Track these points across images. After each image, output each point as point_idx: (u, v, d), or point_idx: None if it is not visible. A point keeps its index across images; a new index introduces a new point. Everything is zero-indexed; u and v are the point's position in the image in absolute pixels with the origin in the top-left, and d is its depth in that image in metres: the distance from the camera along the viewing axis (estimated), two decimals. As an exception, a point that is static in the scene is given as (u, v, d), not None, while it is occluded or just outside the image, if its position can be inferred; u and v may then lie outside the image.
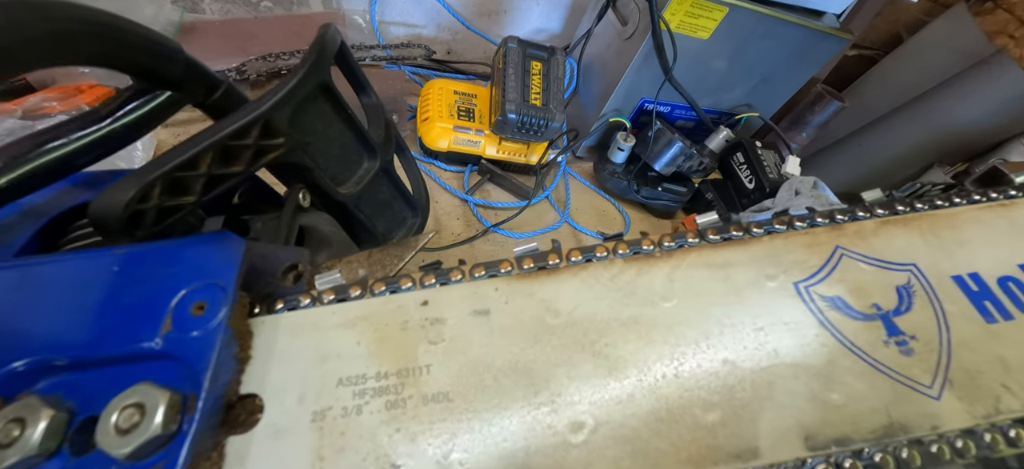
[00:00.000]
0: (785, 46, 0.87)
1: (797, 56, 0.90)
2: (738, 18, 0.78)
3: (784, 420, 0.23)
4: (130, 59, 0.33)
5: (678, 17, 0.76)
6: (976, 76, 1.10)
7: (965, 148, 1.15)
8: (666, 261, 0.29)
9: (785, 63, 0.91)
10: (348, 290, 0.28)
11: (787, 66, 0.92)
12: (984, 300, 0.28)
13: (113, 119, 0.37)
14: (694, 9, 0.76)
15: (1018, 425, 0.24)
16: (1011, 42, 1.15)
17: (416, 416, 0.24)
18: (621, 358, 0.25)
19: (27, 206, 0.35)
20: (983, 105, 1.08)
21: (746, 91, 0.96)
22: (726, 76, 0.92)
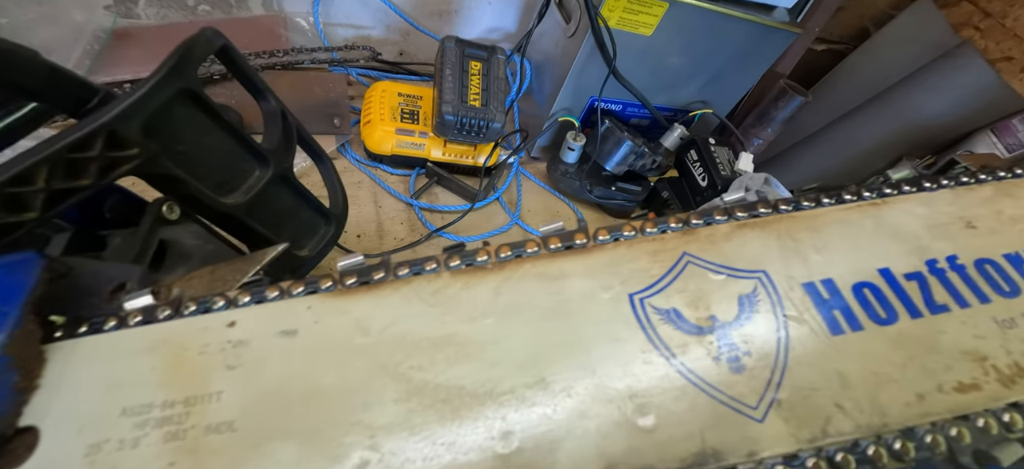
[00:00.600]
0: (734, 42, 0.85)
1: (747, 51, 0.87)
2: (680, 14, 0.76)
3: (586, 449, 0.22)
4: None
5: (617, 13, 0.74)
6: (941, 69, 1.08)
7: (932, 141, 1.12)
8: (497, 273, 0.27)
9: (736, 59, 0.89)
10: (156, 311, 0.26)
11: (738, 62, 0.89)
12: (834, 309, 0.26)
13: (-31, 131, 0.35)
14: (633, 5, 0.74)
15: (846, 451, 0.22)
16: (976, 34, 1.13)
17: (194, 449, 0.22)
18: (424, 382, 0.23)
19: None
20: (948, 97, 1.06)
21: (700, 88, 0.94)
22: (679, 73, 0.90)
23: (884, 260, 0.27)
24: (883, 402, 0.23)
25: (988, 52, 1.04)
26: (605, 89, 0.84)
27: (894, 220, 0.29)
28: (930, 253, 0.28)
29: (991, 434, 0.23)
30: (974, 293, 0.26)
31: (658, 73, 0.87)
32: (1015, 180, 0.31)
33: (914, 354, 0.24)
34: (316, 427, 0.22)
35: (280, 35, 0.85)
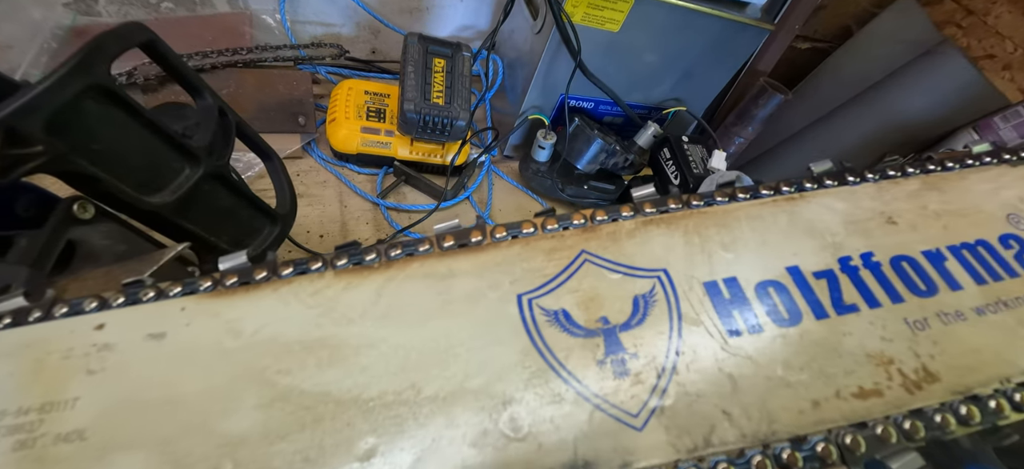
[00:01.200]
0: (705, 38, 0.83)
1: (720, 48, 0.86)
2: (647, 10, 0.75)
3: (449, 460, 0.20)
4: None
5: (581, 9, 0.73)
6: (923, 66, 1.06)
7: (914, 139, 1.10)
8: (383, 273, 0.26)
9: (708, 56, 0.87)
10: (28, 313, 0.25)
11: (711, 59, 0.88)
12: (734, 309, 0.24)
13: None
14: (597, 1, 0.72)
15: (728, 462, 0.20)
16: (958, 32, 1.11)
17: (41, 458, 0.21)
18: (290, 387, 0.22)
19: None
20: (930, 95, 1.04)
21: (673, 85, 0.92)
22: (651, 70, 0.88)
23: (794, 258, 0.26)
24: (773, 409, 0.21)
25: (970, 50, 1.02)
26: (576, 86, 0.83)
27: (810, 215, 0.28)
28: (844, 250, 0.26)
29: (889, 443, 0.21)
30: (886, 292, 0.25)
31: (630, 70, 0.86)
32: (944, 173, 0.30)
33: (814, 357, 0.23)
34: (169, 436, 0.21)
35: (245, 32, 0.84)
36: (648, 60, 0.86)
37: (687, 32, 0.81)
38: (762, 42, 0.87)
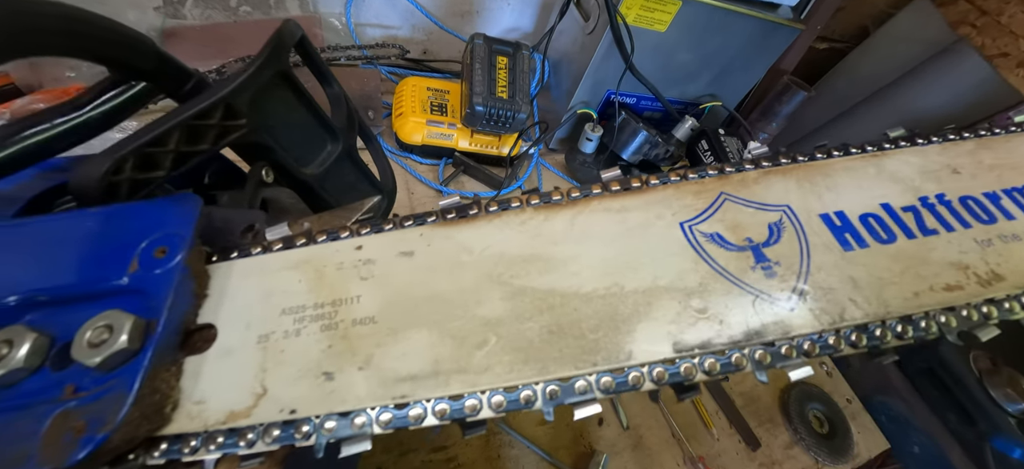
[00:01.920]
0: (741, 37, 0.92)
1: (753, 47, 0.94)
2: (692, 11, 0.83)
3: (657, 330, 0.28)
4: (102, 51, 0.37)
5: (634, 11, 0.81)
6: (938, 65, 1.15)
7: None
8: (570, 208, 0.33)
9: (743, 54, 0.95)
10: (294, 240, 0.32)
11: (745, 56, 0.96)
12: (846, 233, 0.32)
13: (91, 107, 0.41)
14: (649, 3, 0.80)
15: (858, 331, 0.28)
16: (972, 31, 1.21)
17: (346, 335, 0.28)
18: (523, 287, 0.29)
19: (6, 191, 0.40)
20: (946, 93, 1.13)
21: (709, 81, 1.01)
22: (689, 67, 0.96)
23: (885, 197, 0.34)
24: (886, 297, 0.29)
25: (984, 48, 1.11)
26: (621, 83, 0.91)
27: (892, 167, 0.35)
28: (922, 192, 0.34)
29: (972, 320, 0.29)
30: (958, 221, 0.33)
31: (670, 68, 0.94)
32: (993, 136, 0.38)
33: (910, 265, 0.30)
34: (440, 320, 0.28)
35: (316, 34, 0.92)
36: (686, 58, 0.94)
37: (725, 31, 0.89)
38: (792, 41, 0.96)
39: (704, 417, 0.86)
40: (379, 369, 0.26)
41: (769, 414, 0.91)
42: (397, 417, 0.25)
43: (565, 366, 0.26)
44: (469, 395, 0.25)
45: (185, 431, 0.25)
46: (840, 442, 0.90)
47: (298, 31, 0.48)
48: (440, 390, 0.25)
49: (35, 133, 0.38)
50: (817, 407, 0.93)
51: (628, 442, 0.79)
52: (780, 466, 0.85)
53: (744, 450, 0.85)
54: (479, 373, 0.26)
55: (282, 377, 0.26)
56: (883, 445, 0.96)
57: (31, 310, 0.28)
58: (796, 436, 0.88)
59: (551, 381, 0.26)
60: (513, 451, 0.72)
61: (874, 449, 0.96)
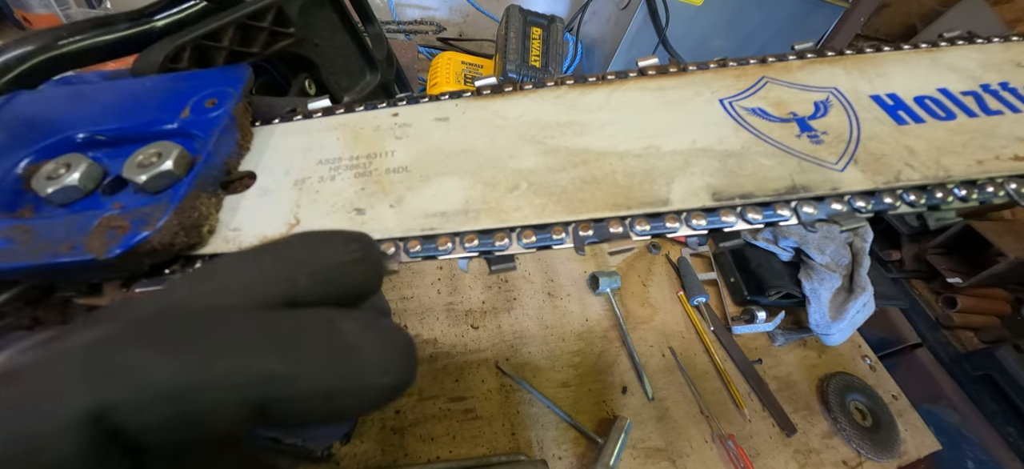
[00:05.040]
0: (782, 15, 0.90)
1: (792, 26, 0.93)
2: (728, -17, 0.83)
3: (696, 183, 0.27)
4: None
5: (668, -18, 0.82)
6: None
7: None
8: (607, 86, 0.33)
9: (782, 34, 0.94)
10: (334, 109, 0.33)
11: (785, 36, 0.95)
12: (899, 111, 0.30)
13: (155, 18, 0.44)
14: (683, -27, 0.81)
15: (916, 190, 0.26)
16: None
17: (379, 180, 0.28)
18: (557, 146, 0.29)
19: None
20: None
21: (742, 62, 0.99)
22: (724, 46, 0.96)
23: (942, 83, 0.32)
24: (946, 163, 0.27)
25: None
26: (653, 57, 0.91)
27: (949, 60, 0.34)
28: (984, 80, 0.32)
29: (1045, 191, 0.26)
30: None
31: (705, 45, 0.93)
32: (1059, 38, 0.35)
33: (972, 137, 0.28)
34: (473, 169, 0.28)
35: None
36: (723, 35, 0.93)
37: (765, 8, 0.88)
38: (834, 23, 0.94)
39: (735, 396, 0.82)
40: (410, 207, 0.26)
41: (806, 401, 0.85)
42: (425, 247, 0.25)
43: (599, 209, 0.26)
44: (499, 230, 0.25)
45: (220, 251, 0.25)
46: (884, 436, 0.83)
47: (342, -43, 0.50)
48: (470, 224, 0.25)
49: (105, 32, 0.40)
50: (859, 399, 0.87)
51: (653, 413, 0.76)
52: (818, 455, 0.80)
53: (778, 434, 0.80)
54: (510, 212, 0.26)
55: (315, 211, 0.27)
56: (933, 445, 0.89)
57: (94, 148, 0.29)
58: (836, 426, 0.82)
59: (585, 221, 0.25)
60: (533, 409, 0.70)
61: (923, 448, 0.88)
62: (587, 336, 0.81)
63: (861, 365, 0.96)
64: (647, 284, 0.92)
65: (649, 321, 0.86)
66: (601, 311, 0.85)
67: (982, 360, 1.07)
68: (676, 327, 0.87)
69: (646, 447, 0.71)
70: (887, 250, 1.26)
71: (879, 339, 1.24)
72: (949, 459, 1.09)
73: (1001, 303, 1.18)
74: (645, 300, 0.89)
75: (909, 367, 1.20)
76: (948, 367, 1.14)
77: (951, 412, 1.11)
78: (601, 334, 0.82)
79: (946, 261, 1.18)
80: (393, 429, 0.62)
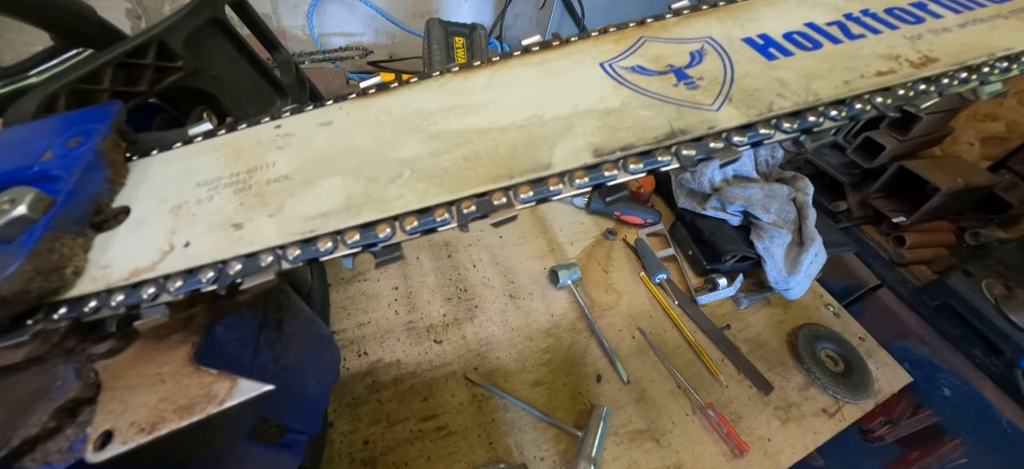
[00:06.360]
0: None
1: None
2: (637, -31, 0.86)
3: (577, 143, 0.26)
4: (44, 17, 0.38)
5: (580, -26, 0.84)
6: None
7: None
8: (491, 67, 0.33)
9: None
10: (215, 131, 0.32)
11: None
12: (770, 48, 0.31)
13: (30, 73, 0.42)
14: (593, -36, 0.83)
15: (788, 118, 0.27)
16: None
17: (259, 193, 0.27)
18: (440, 130, 0.29)
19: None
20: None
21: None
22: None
23: (809, 17, 0.33)
24: (815, 88, 0.28)
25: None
26: (580, 50, 0.93)
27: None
28: (847, 9, 0.33)
29: (908, 97, 0.27)
30: (885, 26, 0.32)
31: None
32: (914, -37, 0.37)
33: (838, 61, 0.30)
34: (356, 166, 0.27)
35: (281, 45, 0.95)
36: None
37: (674, -12, 0.91)
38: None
39: (709, 366, 0.82)
40: (290, 213, 0.25)
41: (779, 358, 0.86)
42: (306, 250, 0.24)
43: (481, 184, 0.25)
44: (380, 220, 0.24)
45: (87, 292, 0.24)
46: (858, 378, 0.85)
47: (239, -11, 0.49)
48: (351, 220, 0.24)
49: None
50: (828, 346, 0.89)
51: (630, 396, 0.75)
52: (797, 407, 0.80)
53: (756, 395, 0.81)
54: (392, 201, 0.25)
55: (191, 235, 0.25)
56: (905, 378, 0.91)
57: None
58: (810, 376, 0.83)
59: (467, 198, 0.25)
60: (508, 414, 0.68)
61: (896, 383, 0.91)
62: (555, 332, 0.80)
63: (825, 314, 0.98)
64: (608, 271, 0.92)
65: (615, 306, 0.86)
66: (566, 305, 0.84)
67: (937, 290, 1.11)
68: (642, 308, 0.87)
69: (628, 431, 0.70)
70: (834, 202, 1.31)
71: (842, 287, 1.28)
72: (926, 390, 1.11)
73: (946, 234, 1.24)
74: (608, 286, 0.89)
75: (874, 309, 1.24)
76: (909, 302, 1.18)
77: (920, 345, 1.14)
78: (568, 327, 0.81)
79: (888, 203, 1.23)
80: (363, 461, 0.60)
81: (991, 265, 1.14)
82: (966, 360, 1.06)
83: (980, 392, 1.02)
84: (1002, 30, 0.30)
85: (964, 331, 1.07)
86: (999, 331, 0.99)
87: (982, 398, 1.03)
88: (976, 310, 1.04)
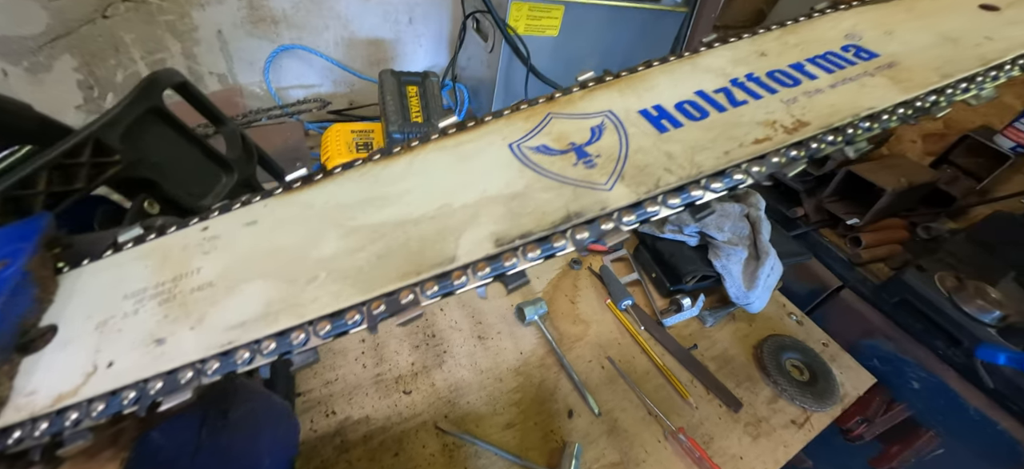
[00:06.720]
0: (633, 28, 0.99)
1: (647, 34, 1.01)
2: (577, 13, 0.90)
3: (481, 233, 0.28)
4: None
5: (522, 22, 0.87)
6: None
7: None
8: (409, 153, 0.35)
9: (639, 42, 1.02)
10: (145, 236, 0.33)
11: (642, 44, 1.03)
12: (662, 120, 0.34)
13: (-25, 175, 0.42)
14: (534, 12, 0.87)
15: (674, 193, 0.29)
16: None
17: (183, 302, 0.28)
18: (358, 225, 0.30)
19: None
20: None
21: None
22: (592, 62, 1.03)
23: (699, 85, 0.36)
24: (699, 160, 0.31)
25: None
26: (531, 88, 0.96)
27: (706, 63, 0.38)
28: (732, 75, 0.37)
29: (781, 164, 0.30)
30: (765, 90, 0.35)
31: (573, 65, 1.00)
32: (796, 23, 0.41)
33: (722, 131, 0.32)
34: (277, 269, 0.29)
35: (237, 102, 0.96)
36: (587, 54, 1.00)
37: (616, 25, 0.96)
38: (680, 24, 1.03)
39: (679, 388, 0.84)
40: (211, 324, 0.27)
41: (746, 373, 0.88)
42: (224, 363, 0.25)
43: (391, 282, 0.27)
44: (296, 327, 0.26)
45: (11, 423, 0.25)
46: (823, 386, 0.87)
47: (177, 76, 0.51)
48: (268, 328, 0.26)
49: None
50: (793, 356, 0.91)
51: (603, 428, 0.76)
52: (767, 422, 0.82)
53: (726, 413, 0.82)
54: (307, 305, 0.26)
55: (115, 352, 0.26)
56: (869, 380, 0.94)
57: None
58: (777, 388, 0.85)
59: (376, 298, 0.26)
60: (481, 461, 0.69)
61: (861, 386, 0.93)
62: (524, 369, 0.81)
63: (789, 323, 1.01)
64: (575, 301, 0.94)
65: (583, 337, 0.87)
66: (534, 340, 0.85)
67: (895, 287, 1.15)
68: (611, 336, 0.88)
69: (602, 465, 0.71)
70: (792, 208, 1.36)
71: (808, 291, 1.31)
72: (896, 384, 1.15)
73: (899, 230, 1.29)
74: (576, 317, 0.91)
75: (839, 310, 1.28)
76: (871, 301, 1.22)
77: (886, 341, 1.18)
78: (538, 363, 0.82)
79: (842, 206, 1.28)
80: (332, 530, 0.60)
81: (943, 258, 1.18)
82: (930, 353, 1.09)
83: (946, 383, 1.06)
84: (868, 88, 0.34)
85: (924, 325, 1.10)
86: (955, 322, 1.03)
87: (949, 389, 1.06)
88: (932, 304, 1.07)
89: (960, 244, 1.20)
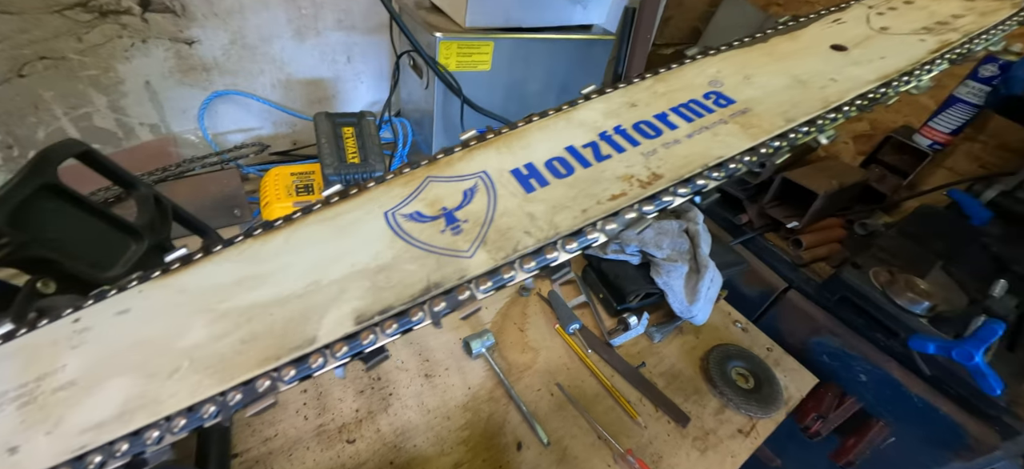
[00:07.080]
0: (566, 56, 1.02)
1: (581, 61, 1.05)
2: (507, 48, 0.92)
3: (344, 310, 0.29)
4: None
5: (453, 60, 0.89)
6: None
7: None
8: (288, 227, 0.35)
9: (575, 68, 1.05)
10: (14, 333, 0.32)
11: (578, 70, 1.06)
12: (531, 179, 0.36)
13: None
14: (463, 49, 0.89)
15: (530, 257, 0.31)
16: (779, 9, 1.39)
17: (43, 405, 0.28)
18: (228, 308, 0.31)
19: None
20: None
21: (555, 97, 1.10)
22: (530, 91, 1.05)
23: (570, 141, 0.38)
24: (558, 222, 0.32)
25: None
26: (470, 120, 0.98)
27: (581, 117, 0.40)
28: (602, 128, 0.39)
29: (633, 219, 0.32)
30: (629, 142, 0.37)
31: (513, 95, 1.02)
32: (669, 71, 0.44)
33: (583, 188, 0.34)
34: (140, 362, 0.29)
35: (171, 152, 0.95)
36: (524, 84, 1.03)
37: (548, 56, 0.99)
38: (610, 50, 1.07)
39: (627, 409, 0.85)
40: (67, 427, 0.27)
41: (694, 385, 0.90)
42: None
43: (250, 369, 0.27)
44: (149, 425, 0.26)
45: None
46: (768, 391, 0.89)
47: (78, 147, 0.50)
48: (123, 428, 0.26)
49: None
50: (738, 364, 0.93)
51: (552, 458, 0.76)
52: (714, 433, 0.84)
53: (675, 429, 0.83)
54: (165, 400, 0.27)
55: (-35, 467, 0.26)
56: (812, 380, 0.97)
57: None
58: (723, 398, 0.87)
59: (234, 387, 0.27)
60: (434, 507, 0.68)
61: (804, 387, 0.96)
62: (473, 404, 0.80)
63: (735, 331, 1.04)
64: (524, 329, 0.94)
65: (532, 365, 0.87)
66: (483, 373, 0.84)
67: (835, 285, 1.19)
68: (560, 361, 0.88)
69: (552, 497, 0.70)
70: (738, 215, 1.40)
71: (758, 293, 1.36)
72: (845, 378, 1.19)
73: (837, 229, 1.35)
74: (525, 345, 0.90)
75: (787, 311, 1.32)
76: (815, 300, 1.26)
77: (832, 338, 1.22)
78: (486, 397, 0.81)
79: (781, 210, 1.34)
80: None
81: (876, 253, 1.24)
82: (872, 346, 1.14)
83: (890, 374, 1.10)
84: (720, 137, 0.36)
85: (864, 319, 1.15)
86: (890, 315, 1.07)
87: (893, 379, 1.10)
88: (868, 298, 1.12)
89: (892, 239, 1.27)
